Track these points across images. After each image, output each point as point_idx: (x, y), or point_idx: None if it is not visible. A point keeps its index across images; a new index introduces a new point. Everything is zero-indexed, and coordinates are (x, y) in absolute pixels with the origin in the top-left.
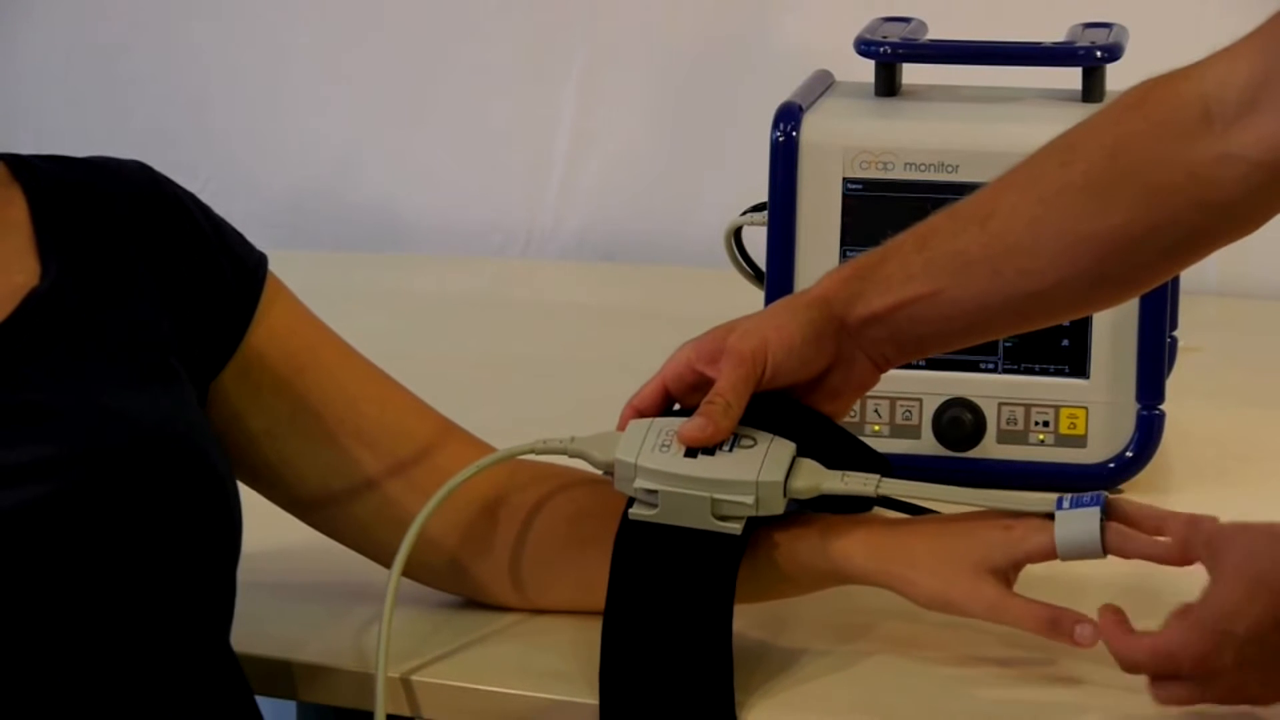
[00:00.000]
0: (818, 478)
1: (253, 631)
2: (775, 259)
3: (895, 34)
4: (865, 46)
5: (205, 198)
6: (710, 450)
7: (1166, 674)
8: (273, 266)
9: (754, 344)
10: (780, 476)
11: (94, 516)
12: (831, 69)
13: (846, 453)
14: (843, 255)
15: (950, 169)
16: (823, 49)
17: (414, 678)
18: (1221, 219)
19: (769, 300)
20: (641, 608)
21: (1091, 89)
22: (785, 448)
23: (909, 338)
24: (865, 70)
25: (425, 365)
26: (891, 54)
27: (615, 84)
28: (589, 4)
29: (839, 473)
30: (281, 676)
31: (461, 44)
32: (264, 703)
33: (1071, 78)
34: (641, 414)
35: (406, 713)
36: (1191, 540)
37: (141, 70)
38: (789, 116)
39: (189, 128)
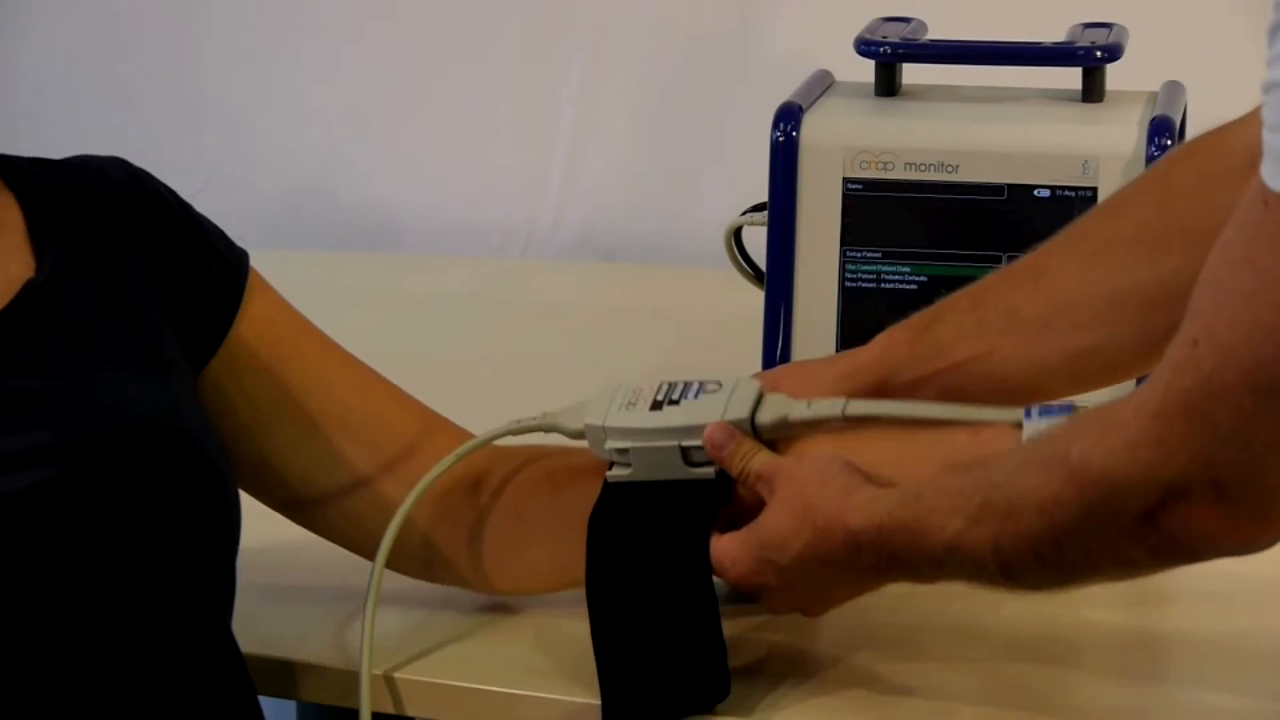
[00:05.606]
0: (784, 408)
1: (247, 631)
2: (775, 259)
3: (895, 34)
4: (865, 46)
5: (204, 198)
6: (676, 401)
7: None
8: (270, 266)
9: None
10: (746, 413)
11: (90, 503)
12: (831, 69)
13: None
14: (843, 255)
15: (950, 169)
16: (823, 49)
17: (398, 675)
18: None
19: (768, 300)
20: (622, 564)
21: (1091, 89)
22: (750, 386)
23: (958, 398)
24: (865, 70)
25: (424, 365)
26: (891, 54)
27: (615, 84)
28: (588, 4)
29: (804, 401)
30: (274, 676)
31: (461, 43)
32: (263, 703)
33: (1071, 78)
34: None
35: (391, 710)
36: (747, 473)
37: (140, 73)
38: (789, 116)
39: (187, 129)
